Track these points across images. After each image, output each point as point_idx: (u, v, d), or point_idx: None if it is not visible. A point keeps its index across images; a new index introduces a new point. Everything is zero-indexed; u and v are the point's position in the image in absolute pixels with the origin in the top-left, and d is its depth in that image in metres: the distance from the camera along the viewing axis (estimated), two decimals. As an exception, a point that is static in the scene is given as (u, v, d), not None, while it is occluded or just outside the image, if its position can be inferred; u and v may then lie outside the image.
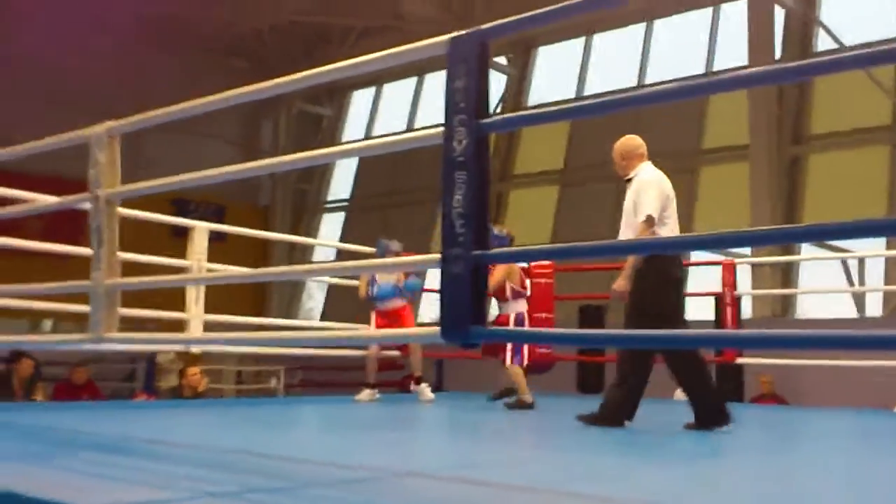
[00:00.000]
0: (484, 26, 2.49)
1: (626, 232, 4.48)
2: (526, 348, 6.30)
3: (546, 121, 2.79)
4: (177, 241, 6.79)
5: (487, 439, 4.26)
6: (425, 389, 6.75)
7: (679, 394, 7.38)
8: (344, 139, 18.19)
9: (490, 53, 2.52)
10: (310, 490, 2.27)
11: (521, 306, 6.33)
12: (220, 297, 6.38)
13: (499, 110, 15.83)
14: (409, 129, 17.45)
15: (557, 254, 4.46)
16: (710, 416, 4.24)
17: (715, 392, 4.42)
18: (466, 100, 2.47)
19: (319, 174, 18.13)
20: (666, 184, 4.50)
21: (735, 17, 12.89)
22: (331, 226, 18.13)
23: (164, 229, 9.85)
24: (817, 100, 12.57)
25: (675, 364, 4.31)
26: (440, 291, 2.47)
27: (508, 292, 6.22)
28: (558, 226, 14.36)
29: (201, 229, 6.01)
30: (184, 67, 15.26)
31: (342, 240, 15.89)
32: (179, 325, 6.07)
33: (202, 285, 5.97)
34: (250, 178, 17.61)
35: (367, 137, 17.99)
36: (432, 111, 16.20)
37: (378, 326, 6.52)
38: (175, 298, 6.10)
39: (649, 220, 4.30)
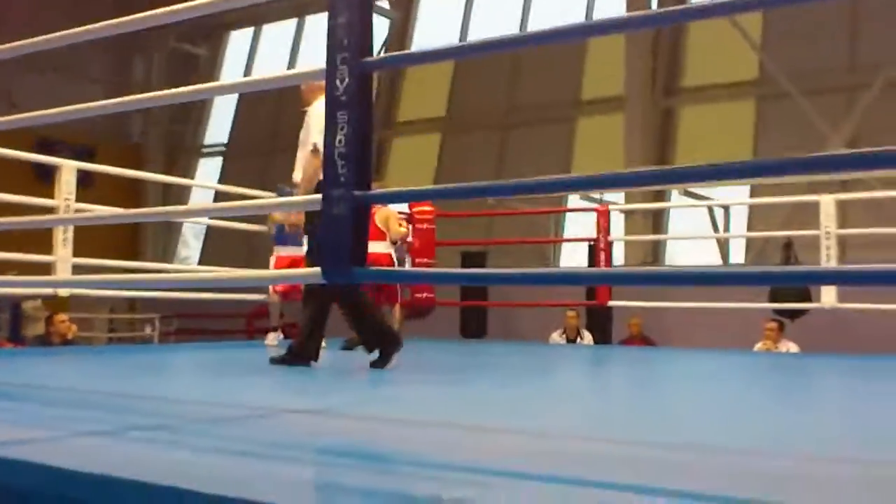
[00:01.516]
0: (367, -36, 2.46)
1: (299, 164, 4.49)
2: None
3: (428, 60, 2.80)
4: (43, 185, 6.49)
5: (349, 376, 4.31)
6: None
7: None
8: (221, 81, 17.71)
9: (372, -9, 2.50)
10: (191, 426, 2.25)
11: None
12: (90, 245, 6.15)
13: (381, 53, 15.71)
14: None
15: (433, 194, 4.44)
16: (388, 347, 4.38)
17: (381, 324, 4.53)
18: (349, 37, 2.45)
19: (196, 117, 17.61)
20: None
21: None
22: (207, 170, 17.67)
23: (28, 172, 9.42)
24: (690, 54, 12.96)
25: (345, 307, 4.42)
26: (321, 232, 2.47)
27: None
28: (440, 174, 14.42)
29: (69, 168, 5.78)
30: (44, 3, 14.47)
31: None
32: (46, 270, 5.85)
33: (69, 227, 5.75)
34: (121, 119, 16.99)
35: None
36: (314, 55, 15.90)
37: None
38: (44, 244, 5.88)
39: (315, 151, 4.26)
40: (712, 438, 2.28)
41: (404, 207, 8.11)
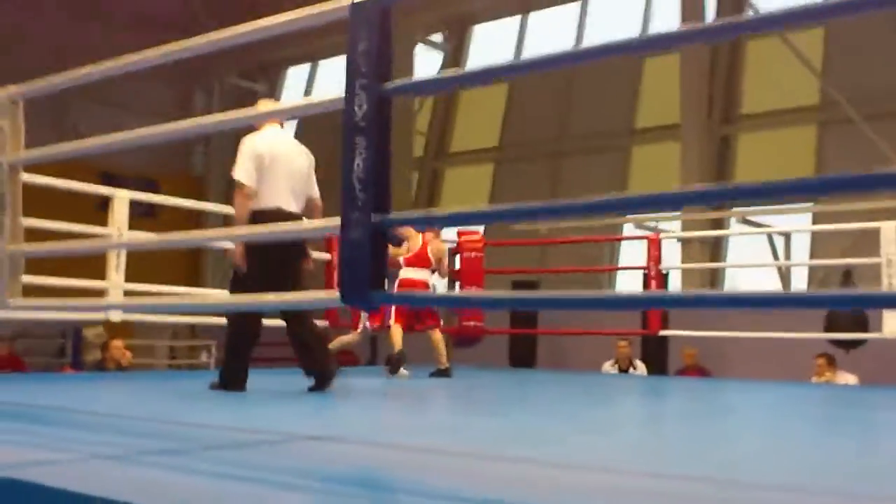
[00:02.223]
0: (386, -10, 2.48)
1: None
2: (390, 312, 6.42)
3: (448, 85, 2.79)
4: (103, 215, 6.60)
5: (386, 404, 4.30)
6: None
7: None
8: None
9: (391, 18, 2.51)
10: (203, 453, 2.25)
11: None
12: (150, 274, 6.24)
13: (436, 86, 15.84)
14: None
15: (460, 219, 4.40)
16: (323, 379, 4.36)
17: (324, 356, 4.48)
18: (368, 64, 2.46)
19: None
20: (263, 145, 4.33)
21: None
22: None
23: (90, 203, 9.64)
24: (747, 79, 12.79)
25: (293, 333, 4.44)
26: (339, 256, 2.48)
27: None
28: (493, 203, 14.41)
29: (122, 198, 5.91)
30: (112, 42, 14.92)
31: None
32: (101, 296, 5.98)
33: (122, 253, 5.87)
34: (183, 153, 17.38)
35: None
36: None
37: None
38: (100, 274, 6.00)
39: (238, 185, 4.26)
40: (737, 472, 2.21)
41: (453, 236, 8.14)
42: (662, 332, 7.80)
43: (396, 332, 6.36)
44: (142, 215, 6.03)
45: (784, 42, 11.70)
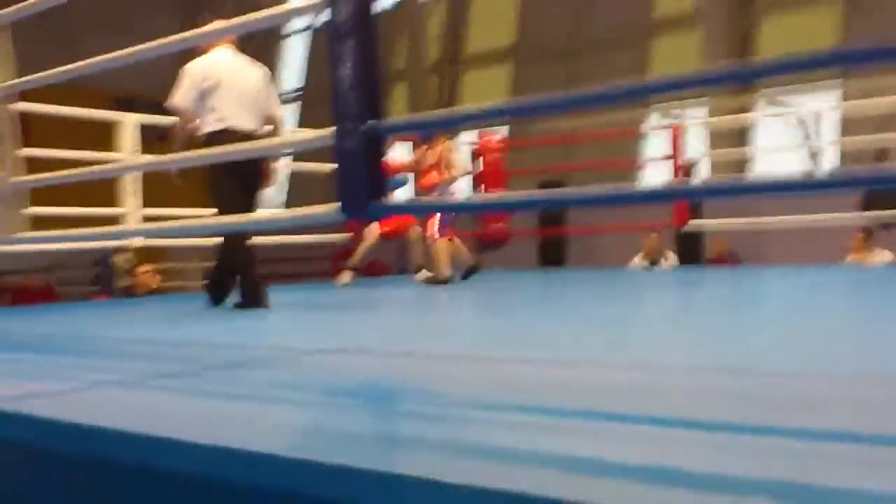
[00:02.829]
0: None
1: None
2: (445, 222, 6.24)
3: None
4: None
5: (413, 315, 4.30)
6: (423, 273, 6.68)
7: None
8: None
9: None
10: (205, 373, 2.24)
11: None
12: (169, 198, 6.20)
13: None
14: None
15: (459, 121, 4.27)
16: (251, 296, 4.33)
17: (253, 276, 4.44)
18: (349, -36, 2.35)
19: (268, 63, 17.70)
20: (205, 68, 4.37)
21: None
22: (285, 116, 17.81)
23: (106, 132, 9.59)
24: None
25: (223, 248, 4.44)
26: (337, 167, 2.41)
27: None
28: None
29: (130, 122, 5.85)
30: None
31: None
32: (117, 223, 5.98)
33: (138, 179, 5.85)
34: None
35: (311, 28, 17.52)
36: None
37: None
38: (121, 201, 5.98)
39: (175, 112, 4.34)
40: (726, 361, 2.17)
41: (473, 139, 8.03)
42: (688, 225, 7.67)
43: (442, 251, 6.18)
44: (158, 139, 5.94)
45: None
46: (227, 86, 4.34)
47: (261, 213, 3.51)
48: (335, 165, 2.41)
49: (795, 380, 1.84)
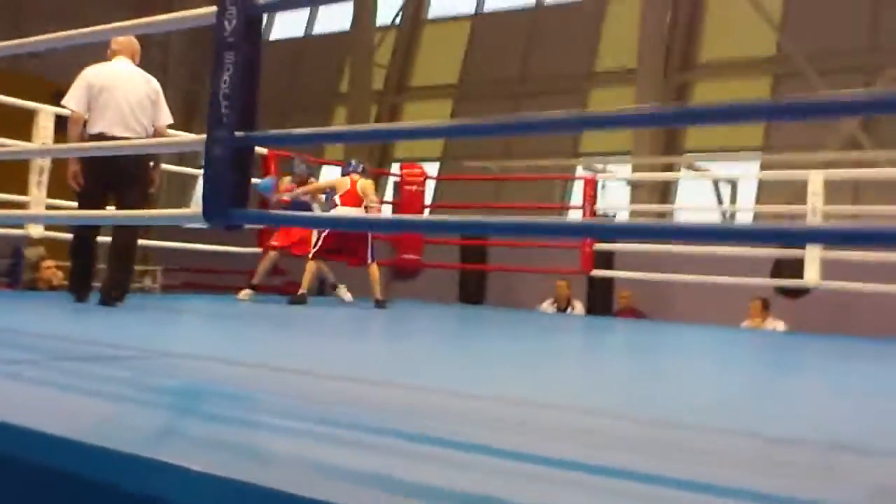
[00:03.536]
0: None
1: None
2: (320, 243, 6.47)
3: (319, 3, 2.73)
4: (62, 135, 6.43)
5: (298, 332, 4.33)
6: (342, 290, 7.11)
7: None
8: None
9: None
10: (56, 363, 2.27)
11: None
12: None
13: (398, 20, 15.64)
14: (308, 33, 17.11)
15: (332, 137, 4.35)
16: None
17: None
18: (238, -22, 2.42)
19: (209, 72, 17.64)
20: (95, 76, 4.70)
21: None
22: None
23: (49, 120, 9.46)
24: (707, 29, 12.75)
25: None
26: (203, 173, 2.46)
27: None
28: (450, 139, 14.35)
29: (46, 112, 5.81)
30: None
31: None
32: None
33: (46, 170, 5.80)
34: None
35: (264, 41, 17.54)
36: (332, 15, 15.88)
37: None
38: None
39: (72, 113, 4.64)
40: (572, 401, 2.26)
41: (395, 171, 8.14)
42: (594, 273, 7.86)
43: (308, 270, 6.50)
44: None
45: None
46: (110, 94, 4.63)
47: (125, 212, 3.60)
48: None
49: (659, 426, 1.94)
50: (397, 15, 15.68)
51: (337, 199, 6.64)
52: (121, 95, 4.64)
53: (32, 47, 3.25)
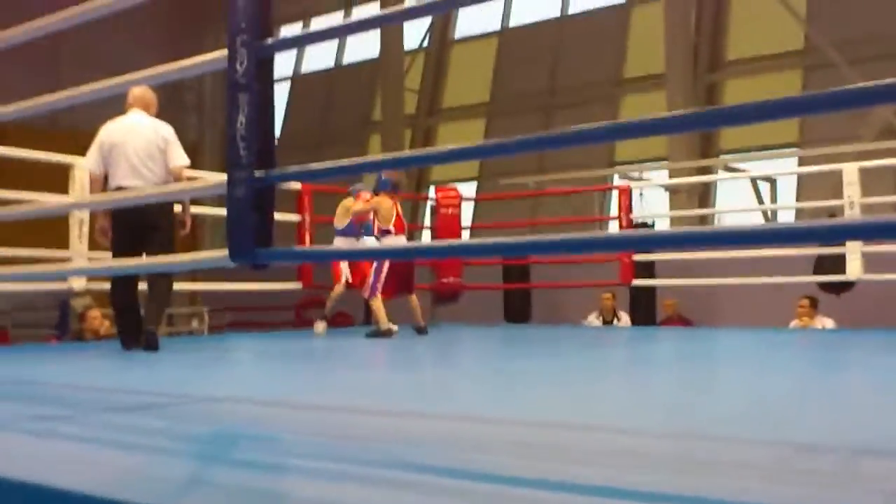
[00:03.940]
0: (262, -54, 2.44)
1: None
2: (379, 281, 6.29)
3: (327, 38, 2.74)
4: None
5: (340, 367, 4.33)
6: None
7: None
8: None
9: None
10: (91, 416, 2.28)
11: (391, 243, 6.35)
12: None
13: (426, 43, 15.73)
14: (337, 65, 17.25)
15: (355, 168, 4.36)
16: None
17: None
18: (247, 20, 2.44)
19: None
20: (105, 134, 4.94)
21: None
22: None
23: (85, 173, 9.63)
24: (732, 27, 12.64)
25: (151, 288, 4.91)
26: (227, 214, 2.47)
27: (375, 231, 6.39)
28: (484, 159, 14.36)
29: (81, 164, 5.89)
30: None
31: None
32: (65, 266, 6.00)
33: (85, 223, 5.89)
34: (178, 119, 17.31)
35: (296, 75, 17.76)
36: (361, 43, 16.00)
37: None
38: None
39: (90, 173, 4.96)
40: (617, 421, 2.22)
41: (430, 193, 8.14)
42: (635, 282, 7.79)
43: (378, 308, 6.27)
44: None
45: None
46: (120, 148, 4.84)
47: (154, 258, 3.67)
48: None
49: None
50: (424, 37, 15.76)
51: (391, 226, 6.35)
52: (129, 148, 4.84)
53: (56, 104, 3.29)
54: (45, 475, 1.42)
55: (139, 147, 4.85)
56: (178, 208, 5.17)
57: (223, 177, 2.48)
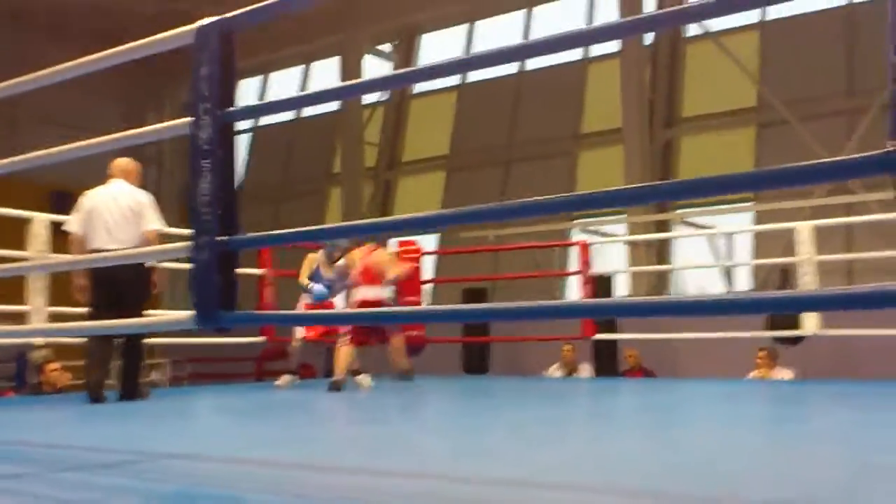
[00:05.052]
0: (227, 15, 2.53)
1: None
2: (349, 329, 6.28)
3: (290, 108, 2.82)
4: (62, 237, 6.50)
5: (304, 420, 4.34)
6: (363, 379, 6.52)
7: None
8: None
9: (235, 43, 2.56)
10: (53, 475, 2.29)
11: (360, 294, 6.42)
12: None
13: (385, 97, 15.92)
14: (297, 117, 17.36)
15: (314, 235, 4.42)
16: (131, 391, 5.20)
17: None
18: (210, 88, 2.51)
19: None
20: (87, 200, 5.34)
21: (609, 4, 13.15)
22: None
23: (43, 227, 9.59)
24: (687, 84, 12.98)
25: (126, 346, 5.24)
26: (190, 279, 2.52)
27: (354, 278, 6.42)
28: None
29: (40, 220, 5.92)
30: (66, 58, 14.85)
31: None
32: (23, 320, 5.96)
33: (45, 277, 5.88)
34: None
35: (254, 128, 17.83)
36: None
37: None
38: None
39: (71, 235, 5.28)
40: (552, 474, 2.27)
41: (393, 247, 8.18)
42: (596, 336, 7.89)
43: (341, 356, 6.18)
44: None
45: (720, 47, 11.95)
46: (98, 213, 5.22)
47: (122, 321, 3.79)
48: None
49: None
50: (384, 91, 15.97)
51: (349, 278, 6.38)
52: (106, 213, 5.22)
53: (22, 165, 3.34)
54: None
55: (115, 212, 5.23)
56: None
57: (183, 234, 2.54)
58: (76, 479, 2.23)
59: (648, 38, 12.79)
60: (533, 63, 14.39)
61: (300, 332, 6.72)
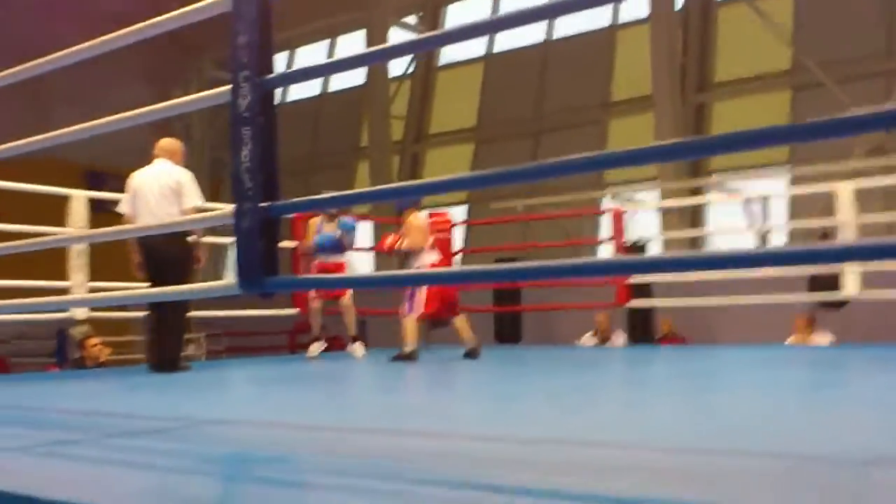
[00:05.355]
0: (264, -18, 2.52)
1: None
2: (419, 300, 6.27)
3: (334, 71, 2.81)
4: (98, 216, 6.57)
5: (338, 389, 4.39)
6: (358, 348, 6.92)
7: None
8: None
9: (271, 9, 2.55)
10: (104, 440, 2.33)
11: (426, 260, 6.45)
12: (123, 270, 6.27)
13: (411, 69, 15.86)
14: (323, 92, 17.35)
15: (357, 198, 4.40)
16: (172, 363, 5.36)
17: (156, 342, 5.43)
18: (250, 56, 2.51)
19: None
20: (131, 181, 5.58)
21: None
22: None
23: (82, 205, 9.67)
24: (720, 48, 12.79)
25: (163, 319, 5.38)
26: (236, 244, 2.53)
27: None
28: (475, 182, 14.44)
29: (78, 197, 5.99)
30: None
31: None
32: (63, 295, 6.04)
33: (85, 254, 5.95)
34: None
35: (281, 103, 17.84)
36: (347, 71, 16.09)
37: None
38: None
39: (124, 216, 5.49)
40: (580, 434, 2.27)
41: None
42: (630, 304, 7.85)
43: (410, 327, 6.24)
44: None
45: (753, 9, 11.75)
46: (142, 193, 5.46)
47: (168, 288, 3.89)
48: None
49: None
50: (410, 64, 15.90)
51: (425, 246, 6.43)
52: (148, 193, 5.45)
53: (56, 140, 3.36)
54: (64, 493, 1.47)
55: (156, 191, 5.45)
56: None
57: (218, 207, 2.56)
58: (129, 444, 2.27)
59: (679, 2, 12.60)
60: (560, 31, 14.27)
61: (312, 293, 6.80)
